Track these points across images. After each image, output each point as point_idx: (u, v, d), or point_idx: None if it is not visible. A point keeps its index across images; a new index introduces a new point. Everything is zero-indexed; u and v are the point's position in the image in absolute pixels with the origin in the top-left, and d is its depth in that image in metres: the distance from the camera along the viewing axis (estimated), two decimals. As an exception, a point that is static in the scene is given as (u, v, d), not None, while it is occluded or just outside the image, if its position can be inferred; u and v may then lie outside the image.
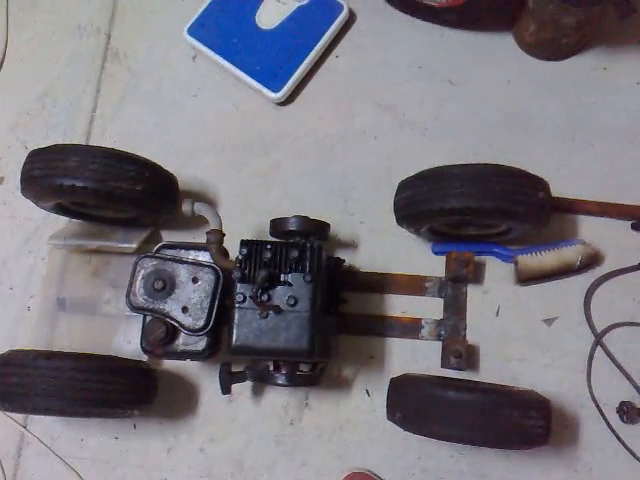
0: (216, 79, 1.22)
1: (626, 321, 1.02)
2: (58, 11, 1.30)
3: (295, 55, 1.18)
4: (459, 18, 1.17)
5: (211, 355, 0.99)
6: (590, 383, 1.00)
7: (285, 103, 1.19)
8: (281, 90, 1.16)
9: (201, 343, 0.96)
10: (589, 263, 1.03)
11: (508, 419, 0.82)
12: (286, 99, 1.18)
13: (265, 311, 0.87)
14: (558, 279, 1.04)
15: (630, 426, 0.98)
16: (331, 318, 0.97)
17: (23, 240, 1.15)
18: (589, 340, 1.02)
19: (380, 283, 1.06)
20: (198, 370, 1.05)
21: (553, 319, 1.03)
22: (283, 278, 0.89)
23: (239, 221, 1.09)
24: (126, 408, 0.93)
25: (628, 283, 1.04)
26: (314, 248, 0.90)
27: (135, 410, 0.94)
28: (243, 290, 0.88)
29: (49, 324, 1.08)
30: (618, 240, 1.06)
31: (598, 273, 1.04)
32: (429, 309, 1.04)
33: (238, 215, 1.11)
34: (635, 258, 1.05)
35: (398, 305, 1.06)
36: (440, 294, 1.05)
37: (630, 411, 0.97)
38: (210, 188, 1.15)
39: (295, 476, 1.00)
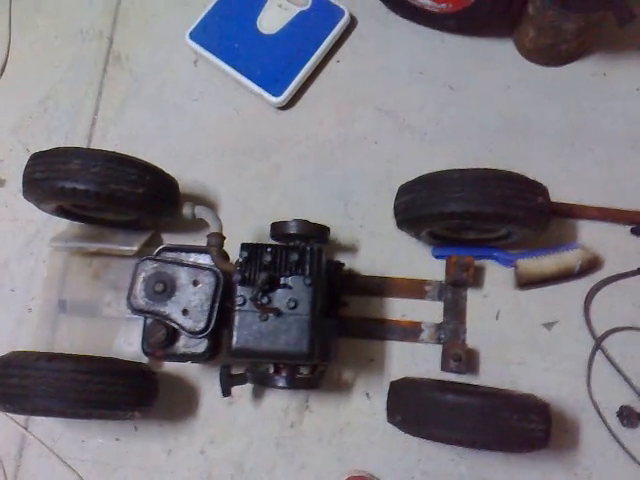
0: (217, 83, 1.22)
1: (626, 325, 1.02)
2: (61, 15, 1.31)
3: (296, 60, 1.18)
4: (459, 24, 1.17)
5: (211, 357, 0.99)
6: (590, 387, 1.00)
7: (286, 107, 1.19)
8: (282, 94, 1.16)
9: (201, 345, 0.96)
10: (589, 268, 1.03)
11: (508, 422, 0.82)
12: (287, 103, 1.18)
13: (265, 314, 0.87)
14: (558, 283, 1.04)
15: (630, 430, 0.98)
16: (331, 321, 0.97)
17: (24, 242, 1.15)
18: (589, 344, 1.02)
19: (380, 286, 1.07)
20: (198, 372, 1.05)
21: (553, 323, 1.03)
22: (283, 281, 0.89)
23: (239, 224, 1.09)
24: (127, 410, 0.93)
25: (628, 288, 1.04)
26: (314, 251, 0.91)
27: (136, 412, 0.94)
28: (243, 293, 0.88)
29: (50, 326, 1.09)
30: (618, 245, 1.06)
31: (598, 277, 1.04)
32: (429, 313, 1.05)
33: (238, 218, 1.12)
34: (635, 263, 1.05)
35: (398, 308, 1.06)
36: (440, 298, 1.05)
37: (630, 415, 0.97)
38: (211, 191, 1.15)
39: (295, 479, 1.00)
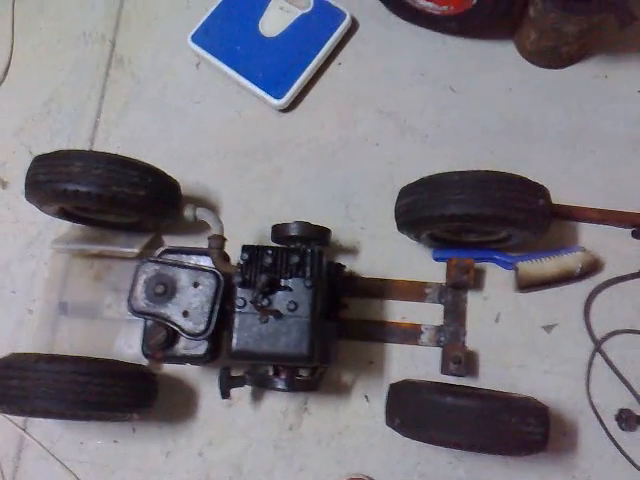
0: (219, 86, 1.23)
1: (626, 328, 1.02)
2: (63, 18, 1.32)
3: (298, 62, 1.19)
4: (460, 26, 1.18)
5: (211, 359, 0.99)
6: (589, 390, 1.00)
7: (287, 110, 1.19)
8: (284, 97, 1.17)
9: (201, 347, 0.96)
10: (589, 270, 1.03)
11: (506, 425, 0.82)
12: (289, 106, 1.19)
13: (265, 316, 0.87)
14: (558, 286, 1.04)
15: (629, 433, 0.97)
16: (331, 323, 0.97)
17: (26, 244, 1.16)
18: (588, 347, 1.02)
19: (380, 289, 1.07)
20: (198, 374, 1.05)
21: (553, 326, 1.03)
22: (283, 283, 0.89)
23: (241, 226, 1.10)
24: (126, 412, 0.93)
25: (628, 290, 1.04)
26: (315, 254, 0.91)
27: (135, 414, 0.95)
28: (244, 295, 0.89)
29: (51, 328, 1.09)
30: (618, 247, 1.06)
31: (598, 280, 1.04)
32: (429, 315, 1.05)
33: (240, 220, 1.12)
34: (635, 265, 1.05)
35: (398, 311, 1.06)
36: (440, 300, 1.05)
37: (629, 419, 0.96)
38: (212, 193, 1.16)
39: (294, 481, 1.00)
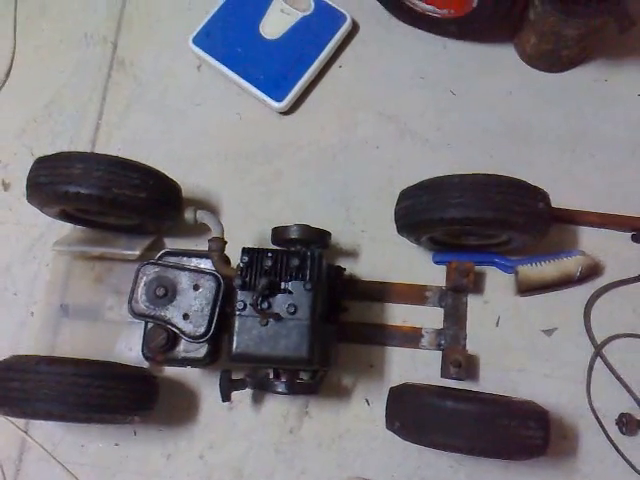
0: (220, 88, 1.23)
1: (626, 332, 1.02)
2: (65, 20, 1.32)
3: (298, 65, 1.19)
4: (461, 29, 1.18)
5: (211, 362, 0.99)
6: (589, 394, 1.00)
7: (288, 112, 1.19)
8: (284, 99, 1.17)
9: (202, 350, 0.96)
10: (589, 274, 1.03)
11: (506, 429, 0.81)
12: (289, 108, 1.19)
13: (265, 319, 0.87)
14: (558, 290, 1.04)
15: (629, 438, 0.97)
16: (331, 326, 0.97)
17: (27, 246, 1.16)
18: (589, 351, 1.02)
19: (380, 292, 1.07)
20: (198, 377, 1.05)
21: (553, 330, 1.03)
22: (283, 286, 0.89)
23: (241, 229, 1.10)
24: (127, 414, 0.93)
25: (628, 294, 1.04)
26: (315, 256, 0.91)
27: (135, 416, 0.95)
28: (244, 298, 0.89)
29: (52, 330, 1.09)
30: (618, 251, 1.06)
31: (598, 284, 1.04)
32: (429, 318, 1.05)
33: (240, 223, 1.12)
34: (635, 269, 1.05)
35: (398, 314, 1.06)
36: (440, 304, 1.05)
37: (629, 423, 0.96)
38: (213, 196, 1.16)
39: (294, 484, 1.00)
